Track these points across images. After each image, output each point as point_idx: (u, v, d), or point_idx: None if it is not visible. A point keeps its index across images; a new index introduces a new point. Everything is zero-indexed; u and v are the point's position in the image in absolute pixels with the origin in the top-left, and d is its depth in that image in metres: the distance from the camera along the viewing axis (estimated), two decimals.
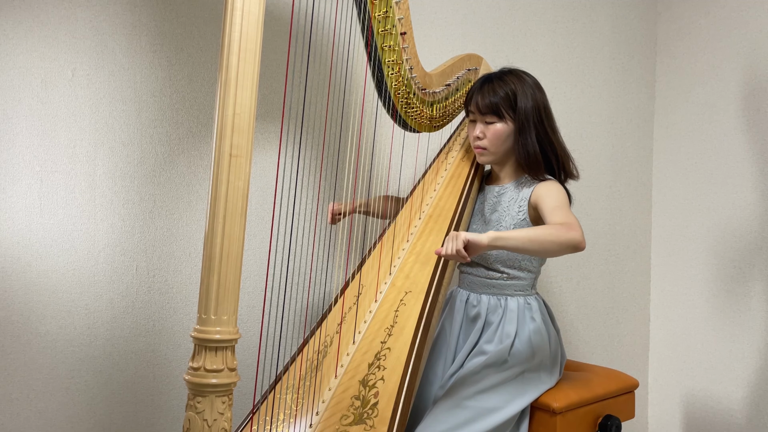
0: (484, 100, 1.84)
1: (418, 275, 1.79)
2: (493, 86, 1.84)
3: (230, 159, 1.27)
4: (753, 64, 2.74)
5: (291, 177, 1.95)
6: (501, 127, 1.84)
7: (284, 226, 1.83)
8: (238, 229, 1.28)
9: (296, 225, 1.99)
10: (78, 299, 1.83)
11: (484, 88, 1.85)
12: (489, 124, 1.85)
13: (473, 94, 1.88)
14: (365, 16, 1.73)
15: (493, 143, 1.86)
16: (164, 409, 1.96)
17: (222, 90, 1.27)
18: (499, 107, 1.83)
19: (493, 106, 1.83)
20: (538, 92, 1.86)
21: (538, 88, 1.87)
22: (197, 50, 1.99)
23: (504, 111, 1.83)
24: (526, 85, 1.84)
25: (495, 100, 1.83)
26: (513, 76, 1.86)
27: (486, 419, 1.65)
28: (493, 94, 1.83)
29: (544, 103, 1.86)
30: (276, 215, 1.73)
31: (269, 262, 1.57)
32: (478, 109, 1.86)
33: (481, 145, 1.88)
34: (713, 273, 2.84)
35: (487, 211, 1.91)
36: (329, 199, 2.16)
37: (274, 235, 1.84)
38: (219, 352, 1.27)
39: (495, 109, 1.83)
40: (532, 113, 1.82)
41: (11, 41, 1.74)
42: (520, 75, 1.87)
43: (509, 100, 1.82)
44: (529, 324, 1.83)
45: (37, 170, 1.78)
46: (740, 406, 2.72)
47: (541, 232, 1.61)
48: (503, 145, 1.86)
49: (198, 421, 1.25)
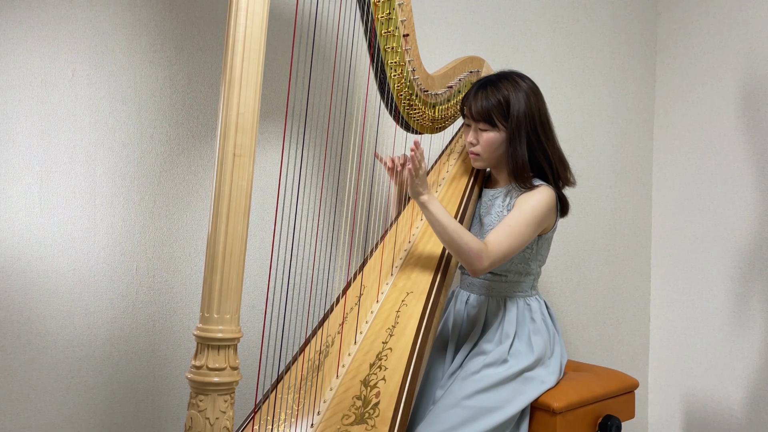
0: (476, 107, 1.82)
1: (419, 276, 1.79)
2: (487, 93, 1.82)
3: (234, 158, 1.27)
4: (753, 64, 2.74)
5: (293, 177, 1.95)
6: (493, 136, 1.83)
7: (286, 227, 1.83)
8: (241, 228, 1.28)
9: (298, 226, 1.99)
10: (78, 299, 1.83)
11: (478, 95, 1.83)
12: (482, 131, 1.84)
13: (468, 99, 1.87)
14: (368, 17, 1.73)
15: (486, 150, 1.85)
16: (164, 409, 1.96)
17: (226, 90, 1.28)
18: (491, 115, 1.81)
19: (485, 113, 1.81)
20: (533, 98, 1.82)
21: (534, 94, 1.84)
22: (197, 50, 1.98)
23: (496, 119, 1.81)
24: (520, 92, 1.81)
25: (487, 107, 1.80)
26: (508, 82, 1.83)
27: (486, 419, 1.65)
28: (485, 101, 1.81)
29: (539, 109, 1.83)
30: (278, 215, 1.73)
31: (271, 261, 1.57)
32: (471, 115, 1.85)
33: (474, 150, 1.88)
34: (713, 273, 2.84)
35: (482, 214, 1.92)
36: (331, 199, 2.16)
37: (276, 234, 1.84)
38: (221, 351, 1.27)
39: (487, 117, 1.81)
40: (525, 121, 1.80)
41: (11, 41, 1.74)
42: (516, 81, 1.83)
43: (502, 108, 1.80)
44: (528, 324, 1.84)
45: (37, 170, 1.77)
46: (740, 406, 2.72)
47: (460, 236, 1.66)
48: (496, 152, 1.86)
49: (200, 420, 1.25)
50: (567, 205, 1.88)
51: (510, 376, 1.74)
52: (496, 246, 1.70)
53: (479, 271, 1.70)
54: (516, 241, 1.72)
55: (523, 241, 1.74)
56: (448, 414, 1.65)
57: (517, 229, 1.73)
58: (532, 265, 1.88)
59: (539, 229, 1.79)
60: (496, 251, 1.70)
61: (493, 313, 1.86)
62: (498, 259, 1.71)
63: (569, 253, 2.83)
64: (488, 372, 1.73)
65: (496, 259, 1.70)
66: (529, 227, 1.75)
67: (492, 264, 1.70)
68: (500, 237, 1.72)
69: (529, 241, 1.76)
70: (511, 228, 1.73)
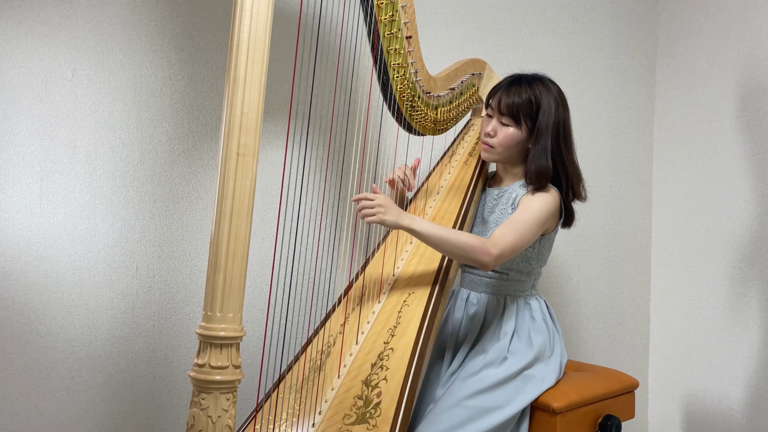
0: (507, 100, 1.81)
1: (421, 277, 1.79)
2: (520, 90, 1.81)
3: (237, 158, 1.27)
4: (753, 64, 2.74)
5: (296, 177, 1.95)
6: (514, 132, 1.83)
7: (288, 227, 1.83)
8: (244, 227, 1.28)
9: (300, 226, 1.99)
10: (78, 299, 1.83)
11: (511, 88, 1.83)
12: (504, 125, 1.84)
13: (498, 91, 1.86)
14: (372, 19, 1.74)
15: (502, 145, 1.85)
16: (164, 409, 1.95)
17: (230, 89, 1.28)
18: (518, 112, 1.80)
19: (513, 108, 1.81)
20: (561, 107, 1.83)
21: (562, 103, 1.84)
22: (197, 50, 1.98)
23: (522, 118, 1.81)
24: (551, 98, 1.81)
25: (518, 104, 1.80)
26: (542, 85, 1.83)
27: (486, 418, 1.65)
28: (517, 97, 1.80)
29: (564, 120, 1.83)
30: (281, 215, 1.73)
31: (274, 261, 1.57)
32: (498, 107, 1.84)
33: (489, 142, 1.87)
34: (713, 273, 2.84)
35: (486, 213, 1.92)
36: (334, 199, 2.16)
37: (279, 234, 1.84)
38: (224, 349, 1.27)
39: (514, 112, 1.81)
40: (552, 128, 1.80)
41: (11, 41, 1.74)
42: (548, 85, 1.84)
43: (531, 108, 1.80)
44: (528, 322, 1.84)
45: (37, 170, 1.77)
46: (740, 406, 2.72)
47: (456, 239, 1.67)
48: (510, 150, 1.85)
49: (202, 418, 1.25)
50: (572, 216, 1.89)
51: (510, 375, 1.74)
52: (501, 238, 1.70)
53: (490, 264, 1.69)
54: (522, 236, 1.73)
55: (529, 237, 1.74)
56: (448, 413, 1.65)
57: (523, 225, 1.73)
58: (534, 264, 1.88)
59: (542, 228, 1.79)
60: (502, 243, 1.70)
61: (493, 311, 1.86)
62: (505, 250, 1.70)
63: (569, 253, 2.83)
64: (488, 372, 1.73)
65: (503, 250, 1.70)
66: (535, 225, 1.75)
67: (501, 255, 1.69)
68: (505, 230, 1.72)
69: (534, 238, 1.77)
70: (517, 223, 1.73)
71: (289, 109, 2.06)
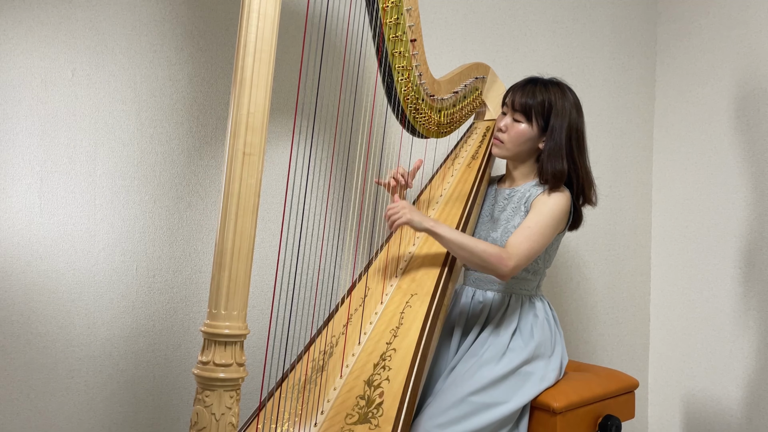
0: (521, 98, 1.86)
1: (423, 278, 1.79)
2: (535, 90, 1.86)
3: (243, 157, 1.28)
4: (753, 64, 2.74)
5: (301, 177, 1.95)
6: (524, 129, 1.86)
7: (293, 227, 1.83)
8: (250, 226, 1.29)
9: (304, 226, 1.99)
10: (78, 299, 1.82)
11: (526, 88, 1.88)
12: (516, 121, 1.88)
13: (514, 89, 1.90)
14: (377, 22, 1.75)
15: (512, 141, 1.88)
16: (164, 409, 1.95)
17: (237, 89, 1.29)
18: (531, 110, 1.85)
19: (526, 106, 1.85)
20: (575, 112, 1.87)
21: (577, 109, 1.89)
22: (197, 50, 1.98)
23: (534, 115, 1.85)
24: (566, 102, 1.86)
25: (531, 102, 1.85)
26: (558, 89, 1.88)
27: (486, 414, 1.66)
28: (531, 97, 1.85)
29: (578, 125, 1.88)
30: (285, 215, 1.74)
31: (278, 260, 1.57)
32: (512, 104, 1.88)
33: (500, 137, 1.91)
34: (713, 273, 2.84)
35: (497, 212, 1.93)
36: (338, 200, 2.17)
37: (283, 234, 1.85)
38: (228, 347, 1.28)
39: (527, 110, 1.85)
40: (566, 130, 1.84)
41: (11, 41, 1.74)
42: (565, 92, 1.89)
43: (543, 109, 1.84)
44: (531, 319, 1.86)
45: (37, 170, 1.77)
46: (740, 406, 2.72)
47: (474, 246, 1.72)
48: (520, 147, 1.89)
49: (206, 415, 1.26)
50: (580, 219, 1.93)
51: (509, 371, 1.75)
52: (516, 247, 1.75)
53: (507, 274, 1.75)
54: (537, 242, 1.77)
55: (544, 241, 1.79)
56: (449, 408, 1.66)
57: (537, 230, 1.77)
58: (540, 264, 1.90)
59: (557, 230, 1.83)
60: (518, 252, 1.74)
61: (497, 308, 1.88)
62: (522, 259, 1.75)
63: (569, 253, 2.83)
64: (488, 368, 1.74)
65: (520, 260, 1.74)
66: (549, 228, 1.79)
67: (518, 264, 1.74)
68: (520, 238, 1.76)
69: (548, 242, 1.81)
70: (531, 229, 1.77)
71: (295, 110, 2.07)
